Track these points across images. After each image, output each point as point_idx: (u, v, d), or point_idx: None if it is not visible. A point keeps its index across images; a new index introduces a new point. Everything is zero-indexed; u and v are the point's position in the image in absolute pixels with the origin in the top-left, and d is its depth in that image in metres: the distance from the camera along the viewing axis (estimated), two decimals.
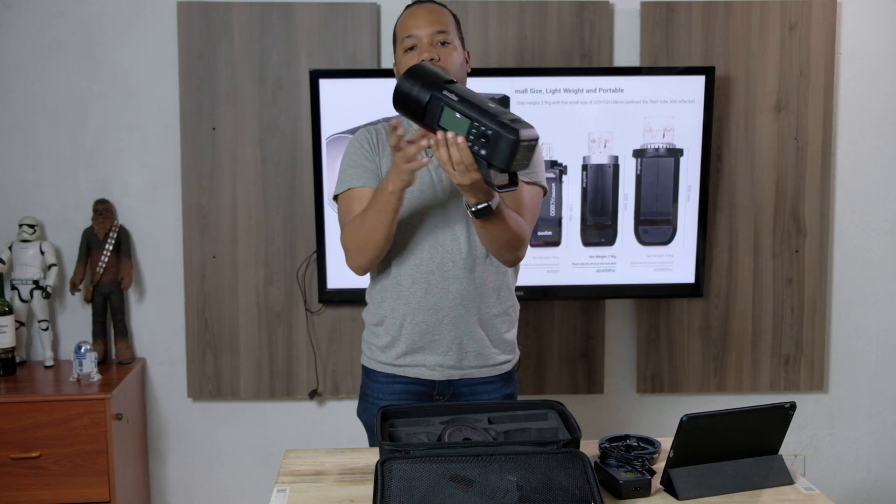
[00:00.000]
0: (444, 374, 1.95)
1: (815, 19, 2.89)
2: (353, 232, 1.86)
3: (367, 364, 2.04)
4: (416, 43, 1.86)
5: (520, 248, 1.89)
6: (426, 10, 1.90)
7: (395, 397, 1.97)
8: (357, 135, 1.99)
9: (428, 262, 1.91)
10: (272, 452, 2.95)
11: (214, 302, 2.89)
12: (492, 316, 1.96)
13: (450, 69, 1.82)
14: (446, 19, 1.90)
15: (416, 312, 1.93)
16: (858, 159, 3.01)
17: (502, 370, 2.00)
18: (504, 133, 1.54)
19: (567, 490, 1.44)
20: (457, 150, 1.61)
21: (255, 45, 2.81)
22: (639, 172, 2.81)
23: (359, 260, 1.88)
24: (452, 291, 1.91)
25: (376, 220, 1.79)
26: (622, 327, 3.02)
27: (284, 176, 2.85)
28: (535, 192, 1.96)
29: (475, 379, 1.97)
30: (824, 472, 3.12)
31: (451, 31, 1.89)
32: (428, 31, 1.86)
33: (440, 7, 1.93)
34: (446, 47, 1.86)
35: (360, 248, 1.85)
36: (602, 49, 2.87)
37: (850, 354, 3.09)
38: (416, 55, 1.84)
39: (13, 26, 2.80)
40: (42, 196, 2.86)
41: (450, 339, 1.93)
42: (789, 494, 1.61)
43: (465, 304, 1.92)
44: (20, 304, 2.79)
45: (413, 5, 1.94)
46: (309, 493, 1.61)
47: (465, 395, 1.97)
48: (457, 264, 1.91)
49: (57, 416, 2.52)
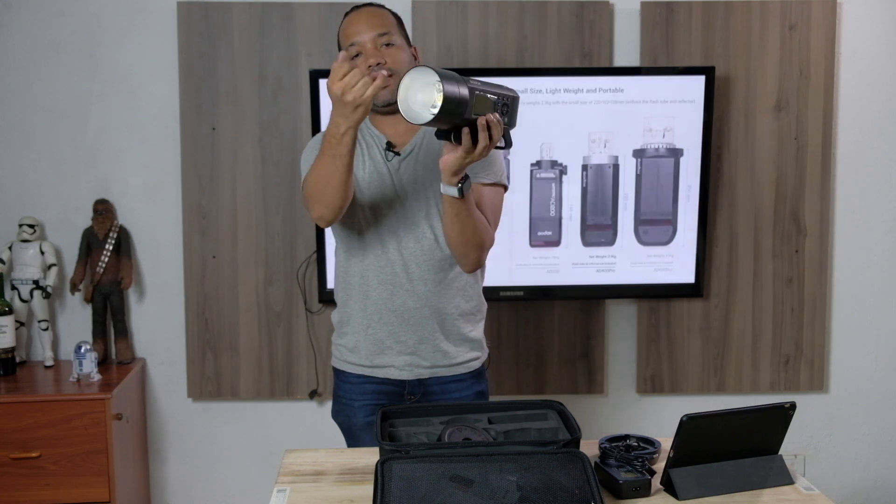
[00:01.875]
0: (413, 374, 1.97)
1: (815, 19, 2.88)
2: (310, 184, 1.80)
3: (337, 366, 2.05)
4: (361, 49, 1.86)
5: (483, 248, 1.89)
6: (365, 15, 1.90)
7: (367, 398, 1.99)
8: (318, 134, 1.99)
9: (393, 263, 1.92)
10: (272, 452, 2.95)
11: (214, 302, 2.89)
12: (458, 315, 1.98)
13: (400, 69, 1.81)
14: (386, 20, 1.90)
15: (383, 313, 1.94)
16: (858, 159, 3.01)
17: (471, 367, 2.02)
18: (517, 96, 1.74)
19: (567, 490, 1.44)
20: (498, 130, 1.66)
21: (255, 45, 2.81)
22: (639, 172, 2.81)
23: (320, 210, 1.81)
24: (418, 292, 1.93)
25: (332, 166, 1.74)
26: (622, 327, 3.02)
27: (284, 176, 2.85)
28: (497, 193, 1.96)
29: (445, 377, 1.99)
30: (824, 472, 3.12)
31: (393, 31, 1.89)
32: (370, 36, 1.86)
33: (379, 9, 1.93)
34: (391, 48, 1.87)
35: (319, 196, 1.79)
36: (602, 49, 2.87)
37: (850, 354, 3.09)
38: (362, 61, 1.84)
39: (13, 26, 2.80)
40: (42, 196, 2.86)
41: (416, 339, 1.95)
42: (789, 494, 1.61)
43: (430, 305, 1.94)
44: (20, 304, 2.79)
45: (351, 12, 1.93)
46: (309, 493, 1.61)
47: (435, 394, 1.99)
48: (421, 266, 1.92)
49: (57, 416, 2.52)
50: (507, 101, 1.70)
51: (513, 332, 2.96)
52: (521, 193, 2.79)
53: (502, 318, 2.94)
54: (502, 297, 2.80)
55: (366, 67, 1.82)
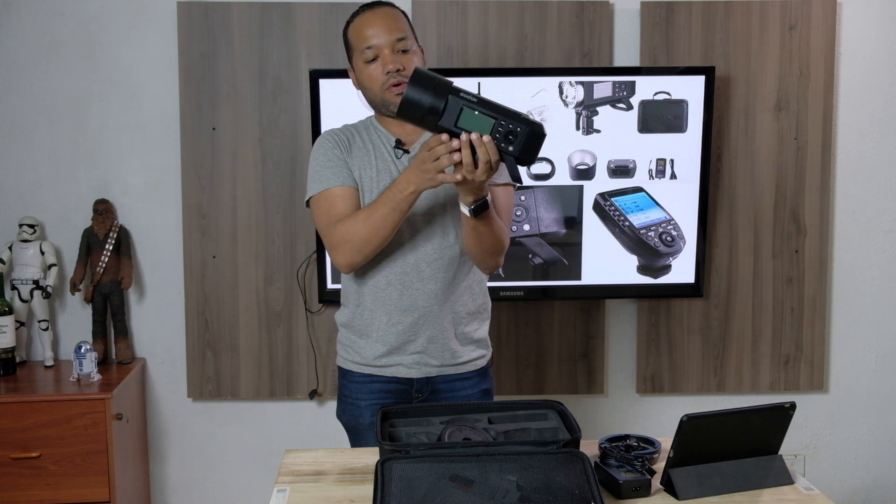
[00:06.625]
0: (421, 372, 1.97)
1: (815, 19, 2.89)
2: (355, 229, 1.82)
3: (343, 365, 2.05)
4: (378, 53, 1.86)
5: (501, 253, 1.91)
6: (382, 17, 1.88)
7: (374, 397, 1.99)
8: (323, 137, 1.98)
9: (402, 263, 1.92)
10: (272, 452, 2.95)
11: (214, 302, 2.89)
12: (466, 313, 1.99)
13: None
14: (402, 24, 1.90)
15: (392, 314, 1.94)
16: (858, 159, 3.01)
17: (478, 366, 2.03)
18: (535, 129, 1.65)
19: (567, 490, 1.44)
20: (485, 149, 1.63)
21: (255, 45, 2.81)
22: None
23: (355, 257, 1.84)
24: (427, 292, 1.93)
25: (388, 219, 1.78)
26: (622, 327, 3.02)
27: (284, 176, 2.85)
28: (510, 192, 1.98)
29: (452, 375, 2.00)
30: (824, 472, 3.12)
31: (408, 35, 1.89)
32: (388, 40, 1.86)
33: (394, 11, 1.92)
34: (407, 54, 1.87)
35: (362, 245, 1.82)
36: (602, 49, 2.87)
37: (850, 354, 3.09)
38: (378, 66, 1.86)
39: (13, 26, 2.80)
40: (42, 196, 2.86)
41: (425, 339, 1.95)
42: (789, 494, 1.61)
43: (439, 304, 1.94)
44: (20, 304, 2.79)
45: (366, 11, 1.90)
46: (309, 493, 1.61)
47: (443, 392, 2.00)
48: (431, 265, 1.92)
49: (57, 416, 2.52)
50: (513, 130, 1.64)
51: (513, 332, 2.96)
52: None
53: (502, 318, 2.94)
54: (502, 297, 2.80)
55: (384, 73, 1.84)
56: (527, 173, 2.75)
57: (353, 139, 1.96)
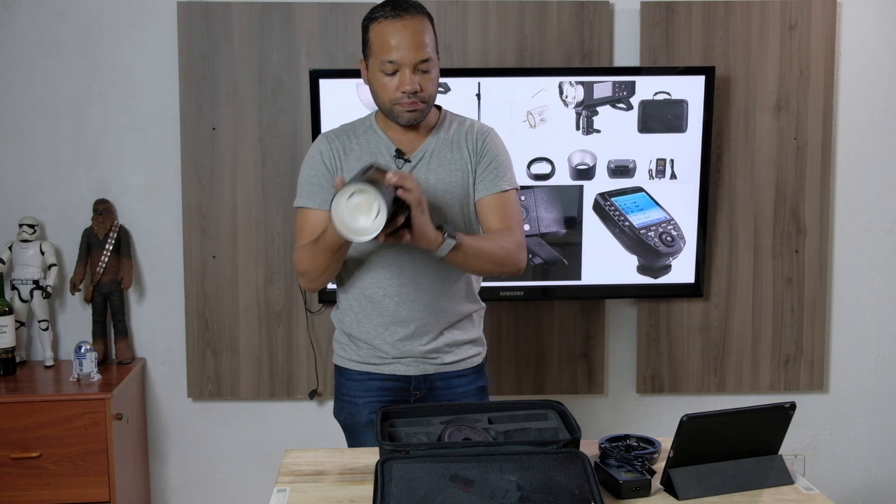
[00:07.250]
0: (419, 370, 1.99)
1: (815, 19, 2.89)
2: (302, 262, 1.91)
3: (339, 363, 2.06)
4: (398, 68, 1.82)
5: (508, 263, 1.91)
6: (411, 32, 1.80)
7: (372, 395, 1.99)
8: (317, 144, 1.98)
9: (399, 275, 1.93)
10: (272, 452, 2.95)
11: (214, 302, 2.89)
12: (462, 316, 2.00)
13: (431, 95, 1.87)
14: (429, 39, 1.84)
15: (389, 325, 1.96)
16: (858, 159, 3.01)
17: (474, 363, 2.05)
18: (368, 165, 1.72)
19: (567, 490, 1.44)
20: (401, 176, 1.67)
21: (255, 45, 2.81)
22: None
23: (310, 286, 1.95)
24: (425, 301, 1.94)
25: (326, 258, 1.83)
26: (622, 327, 3.02)
27: (284, 176, 2.85)
28: (515, 196, 1.99)
29: (449, 373, 2.01)
30: (824, 472, 3.12)
31: (431, 50, 1.84)
32: (411, 60, 1.81)
33: (423, 23, 1.84)
34: (427, 76, 1.85)
35: (313, 278, 1.91)
36: (602, 49, 2.87)
37: (850, 354, 3.09)
38: (395, 80, 1.83)
39: (13, 26, 2.80)
40: (42, 196, 2.86)
41: (422, 344, 1.97)
42: (789, 494, 1.61)
43: (436, 313, 1.96)
44: (20, 304, 2.79)
45: (394, 19, 1.81)
46: (309, 493, 1.61)
47: (440, 389, 2.01)
48: (428, 276, 1.93)
49: (57, 416, 2.52)
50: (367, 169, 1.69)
51: (513, 332, 2.96)
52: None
53: (502, 318, 2.94)
54: (502, 297, 2.80)
55: (400, 91, 1.83)
56: (527, 173, 2.75)
57: (350, 144, 1.95)
